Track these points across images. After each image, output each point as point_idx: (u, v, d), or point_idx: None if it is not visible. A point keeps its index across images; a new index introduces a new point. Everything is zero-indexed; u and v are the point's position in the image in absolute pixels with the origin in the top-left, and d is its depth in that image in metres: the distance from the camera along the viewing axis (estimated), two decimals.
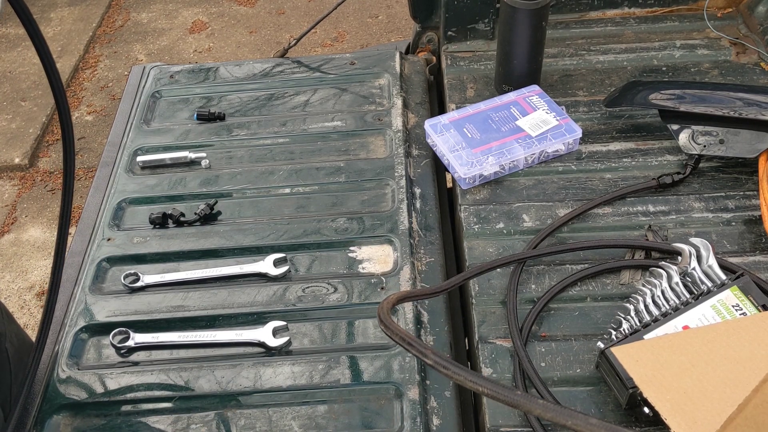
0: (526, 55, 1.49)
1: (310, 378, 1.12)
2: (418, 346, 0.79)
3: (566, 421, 0.70)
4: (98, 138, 3.72)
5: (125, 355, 1.18)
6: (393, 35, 4.16)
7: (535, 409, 0.71)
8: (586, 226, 1.29)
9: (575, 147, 1.43)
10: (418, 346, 0.79)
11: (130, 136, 1.59)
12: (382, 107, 1.60)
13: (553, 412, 0.71)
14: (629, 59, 1.64)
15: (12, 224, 3.32)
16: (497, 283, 1.22)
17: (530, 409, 0.71)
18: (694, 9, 1.73)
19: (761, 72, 1.57)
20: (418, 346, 0.79)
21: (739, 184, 1.34)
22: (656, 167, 1.38)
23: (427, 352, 0.78)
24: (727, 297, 1.07)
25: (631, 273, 1.21)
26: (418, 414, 1.06)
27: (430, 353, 0.77)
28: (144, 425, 1.08)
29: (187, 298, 1.25)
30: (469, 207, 1.35)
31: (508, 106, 1.47)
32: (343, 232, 1.34)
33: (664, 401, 0.92)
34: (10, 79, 4.00)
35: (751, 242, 1.24)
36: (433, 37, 1.80)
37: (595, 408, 1.05)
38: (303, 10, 4.41)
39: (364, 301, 1.22)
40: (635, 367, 0.97)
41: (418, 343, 0.80)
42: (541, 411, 0.71)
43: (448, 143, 1.41)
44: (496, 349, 1.13)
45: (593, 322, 1.15)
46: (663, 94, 1.43)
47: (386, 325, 0.83)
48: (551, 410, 0.71)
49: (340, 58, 1.75)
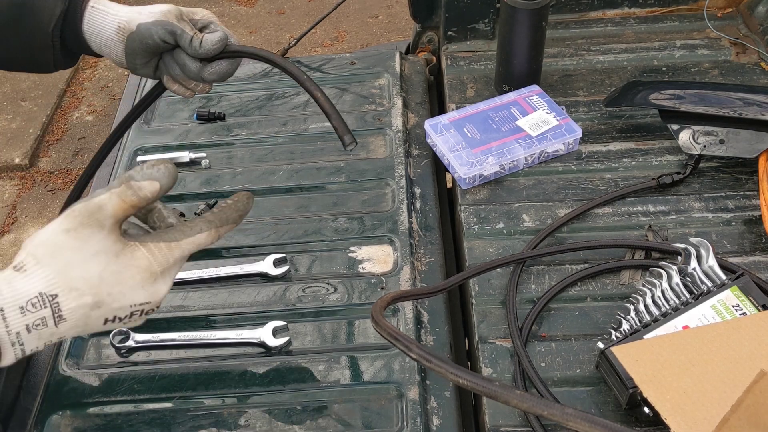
0: (526, 55, 1.49)
1: (310, 378, 1.12)
2: (403, 340, 0.81)
3: (543, 411, 0.71)
4: (98, 138, 3.72)
5: (125, 355, 1.18)
6: (393, 35, 4.16)
7: (512, 399, 0.73)
8: (586, 226, 1.30)
9: (575, 147, 1.43)
10: (403, 340, 0.81)
11: (130, 136, 1.59)
12: (382, 107, 1.60)
13: (529, 402, 0.72)
14: (629, 59, 1.64)
15: (12, 224, 3.32)
16: (497, 283, 1.22)
17: (507, 399, 0.73)
18: (694, 9, 1.73)
19: (761, 72, 1.57)
20: (403, 340, 0.81)
21: (739, 184, 1.34)
22: (656, 167, 1.38)
23: (411, 346, 0.80)
24: (727, 297, 1.07)
25: (631, 273, 1.21)
26: (418, 414, 1.06)
27: (414, 347, 0.79)
28: (144, 425, 1.08)
29: (187, 298, 1.25)
30: (469, 207, 1.35)
31: (508, 106, 1.47)
32: (344, 232, 1.34)
33: (664, 401, 0.92)
34: (10, 79, 4.00)
35: (751, 242, 1.24)
36: (433, 37, 1.80)
37: (595, 408, 1.05)
38: (303, 10, 4.41)
39: (365, 301, 1.22)
40: (635, 367, 0.97)
41: (403, 337, 0.81)
42: (518, 401, 0.73)
43: (448, 143, 1.41)
44: (496, 349, 1.14)
45: (593, 322, 1.15)
46: (663, 94, 1.43)
47: (376, 321, 0.85)
48: (528, 400, 0.72)
49: (340, 58, 1.75)
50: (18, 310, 0.69)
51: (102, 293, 0.72)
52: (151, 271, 0.75)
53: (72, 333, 0.74)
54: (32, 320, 0.69)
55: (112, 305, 0.73)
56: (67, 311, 0.71)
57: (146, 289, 0.75)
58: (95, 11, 1.01)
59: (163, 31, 0.98)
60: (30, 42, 1.01)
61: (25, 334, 0.69)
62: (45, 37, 1.00)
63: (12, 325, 0.69)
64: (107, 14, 1.01)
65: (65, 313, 0.71)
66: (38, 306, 0.69)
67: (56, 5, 0.99)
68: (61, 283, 0.70)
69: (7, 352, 0.70)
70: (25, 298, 0.69)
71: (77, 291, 0.71)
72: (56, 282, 0.70)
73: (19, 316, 0.69)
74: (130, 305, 0.75)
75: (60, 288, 0.70)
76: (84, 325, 0.73)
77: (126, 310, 0.75)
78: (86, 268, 0.71)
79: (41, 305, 0.69)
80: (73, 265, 0.71)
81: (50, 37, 1.00)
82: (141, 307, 0.76)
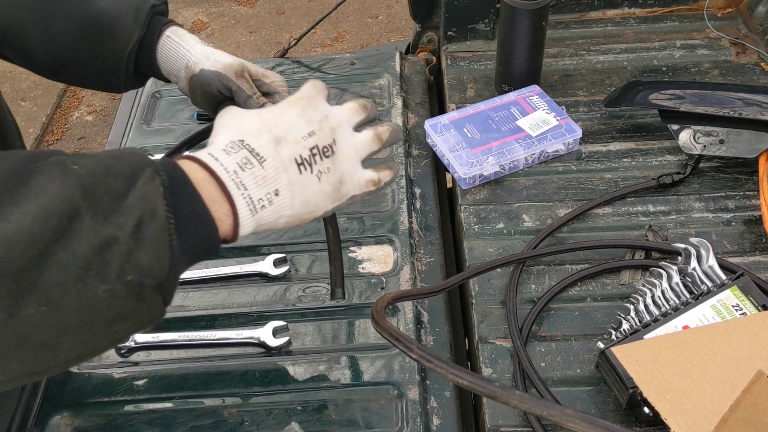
0: (526, 55, 1.49)
1: (310, 378, 1.12)
2: (403, 340, 0.81)
3: (542, 412, 0.71)
4: (98, 138, 3.73)
5: (125, 355, 1.18)
6: (393, 35, 4.16)
7: (512, 400, 0.73)
8: (586, 226, 1.30)
9: (575, 147, 1.43)
10: (403, 340, 0.81)
11: (130, 136, 1.59)
12: (382, 107, 1.60)
13: (529, 402, 0.72)
14: (629, 59, 1.64)
15: None
16: (497, 283, 1.22)
17: (507, 400, 0.73)
18: (694, 9, 1.73)
19: (761, 72, 1.57)
20: (403, 340, 0.81)
21: (739, 184, 1.34)
22: (656, 167, 1.38)
23: (412, 347, 0.80)
24: (727, 297, 1.07)
25: (631, 273, 1.21)
26: (418, 414, 1.06)
27: (414, 347, 0.80)
28: (144, 425, 1.08)
29: (186, 298, 1.25)
30: (469, 207, 1.35)
31: (508, 106, 1.47)
32: (343, 232, 1.34)
33: (664, 401, 0.92)
34: (10, 79, 4.00)
35: (751, 242, 1.24)
36: (433, 37, 1.80)
37: (595, 408, 1.05)
38: (303, 10, 4.41)
39: (365, 301, 1.22)
40: (635, 367, 0.97)
41: (404, 337, 0.81)
42: (518, 402, 0.73)
43: (448, 143, 1.41)
44: (496, 349, 1.14)
45: (593, 322, 1.15)
46: (663, 94, 1.43)
47: (377, 321, 0.85)
48: (527, 401, 0.72)
49: (340, 58, 1.75)
50: (222, 152, 0.73)
51: (271, 126, 0.77)
52: (292, 101, 0.81)
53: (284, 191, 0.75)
54: (239, 159, 0.73)
55: (288, 138, 0.76)
56: (259, 148, 0.75)
57: (302, 117, 0.79)
58: (170, 42, 1.02)
59: (221, 84, 1.00)
60: (105, 64, 1.02)
61: (242, 174, 0.72)
62: (119, 61, 1.00)
63: (225, 162, 0.72)
64: (180, 48, 1.02)
65: (258, 149, 0.74)
66: (235, 148, 0.74)
67: (134, 30, 0.99)
68: (238, 133, 0.76)
69: (239, 201, 0.72)
70: (222, 145, 0.74)
71: (254, 132, 0.76)
72: (234, 133, 0.76)
73: (226, 156, 0.73)
74: (301, 137, 0.77)
75: (240, 135, 0.76)
76: (284, 168, 0.75)
77: (302, 144, 0.77)
78: (245, 117, 0.79)
79: (237, 147, 0.74)
80: (236, 120, 0.78)
81: (125, 61, 1.00)
82: (312, 141, 0.78)
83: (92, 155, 0.66)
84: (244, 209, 0.72)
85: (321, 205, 0.80)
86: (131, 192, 0.63)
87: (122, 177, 0.64)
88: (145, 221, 0.63)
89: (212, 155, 0.72)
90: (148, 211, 0.64)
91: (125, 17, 0.99)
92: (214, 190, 0.70)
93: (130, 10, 1.00)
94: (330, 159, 0.79)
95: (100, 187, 0.62)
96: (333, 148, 0.80)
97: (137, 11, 1.00)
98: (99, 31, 1.00)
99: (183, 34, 1.03)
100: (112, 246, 0.61)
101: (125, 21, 0.99)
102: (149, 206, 0.64)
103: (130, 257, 0.62)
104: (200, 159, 0.72)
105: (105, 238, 0.60)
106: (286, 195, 0.75)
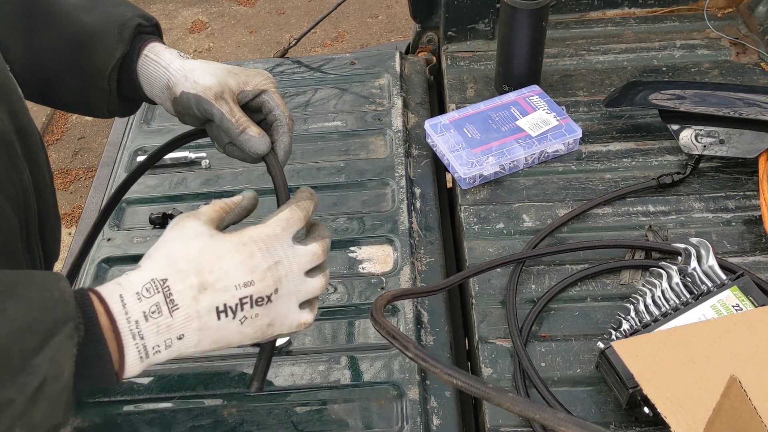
0: (526, 55, 1.49)
1: (310, 378, 1.12)
2: (400, 339, 0.82)
3: (534, 415, 0.71)
4: (98, 138, 3.73)
5: None
6: (393, 35, 4.16)
7: (504, 402, 0.73)
8: (586, 226, 1.30)
9: (575, 147, 1.43)
10: (400, 339, 0.82)
11: (130, 136, 1.59)
12: (382, 107, 1.60)
13: (521, 405, 0.72)
14: (629, 59, 1.64)
15: None
16: (497, 283, 1.22)
17: (500, 402, 0.73)
18: (694, 9, 1.73)
19: (761, 72, 1.57)
20: (400, 339, 0.82)
21: (739, 184, 1.34)
22: (656, 167, 1.38)
23: (408, 345, 0.81)
24: (727, 297, 1.07)
25: (631, 273, 1.21)
26: (418, 414, 1.06)
27: (411, 346, 0.81)
28: (144, 425, 1.08)
29: None
30: (469, 207, 1.35)
31: (508, 106, 1.47)
32: (343, 232, 1.34)
33: (664, 399, 0.92)
34: None
35: (751, 242, 1.24)
36: (433, 37, 1.80)
37: (595, 408, 1.05)
38: (303, 10, 4.41)
39: (365, 301, 1.22)
40: (635, 363, 0.97)
41: (401, 336, 0.82)
42: (510, 404, 0.73)
43: (448, 143, 1.41)
44: (496, 349, 1.14)
45: (593, 322, 1.15)
46: (663, 94, 1.43)
47: (375, 319, 0.86)
48: (520, 403, 0.72)
49: (340, 58, 1.75)
50: (135, 296, 0.72)
51: (204, 270, 0.74)
52: (244, 242, 0.77)
53: (190, 335, 0.74)
54: (148, 306, 0.72)
55: (216, 286, 0.74)
56: (176, 294, 0.73)
57: (245, 264, 0.76)
58: (148, 61, 0.95)
59: (200, 108, 0.93)
60: (85, 83, 0.96)
61: (143, 324, 0.71)
62: (101, 80, 0.95)
63: (131, 311, 0.71)
64: (158, 67, 0.95)
65: (175, 296, 0.73)
66: (152, 291, 0.72)
67: (117, 48, 0.93)
68: (168, 268, 0.74)
69: (129, 350, 0.71)
70: (140, 284, 0.73)
71: (183, 272, 0.74)
72: (164, 268, 0.74)
73: (136, 302, 0.72)
74: (234, 286, 0.75)
75: (167, 272, 0.74)
76: (197, 316, 0.74)
77: (232, 293, 0.75)
78: (186, 248, 0.76)
79: (154, 290, 0.73)
80: (175, 250, 0.76)
81: (106, 80, 0.95)
82: (247, 291, 0.76)
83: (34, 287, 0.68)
84: (134, 357, 0.72)
85: (237, 342, 0.79)
86: (43, 350, 0.65)
87: (41, 333, 0.65)
88: (47, 382, 0.65)
89: (122, 299, 0.71)
90: (54, 373, 0.65)
91: (108, 33, 0.93)
92: (111, 335, 0.70)
93: (114, 26, 0.94)
94: (262, 307, 0.77)
95: (16, 348, 0.63)
96: (271, 298, 0.78)
97: (122, 28, 0.93)
98: (81, 48, 0.94)
99: (160, 51, 0.95)
100: (7, 408, 0.63)
101: (108, 37, 0.93)
102: (56, 369, 0.66)
103: (22, 416, 0.64)
104: (109, 306, 0.71)
105: (1, 401, 0.62)
106: (192, 338, 0.75)
